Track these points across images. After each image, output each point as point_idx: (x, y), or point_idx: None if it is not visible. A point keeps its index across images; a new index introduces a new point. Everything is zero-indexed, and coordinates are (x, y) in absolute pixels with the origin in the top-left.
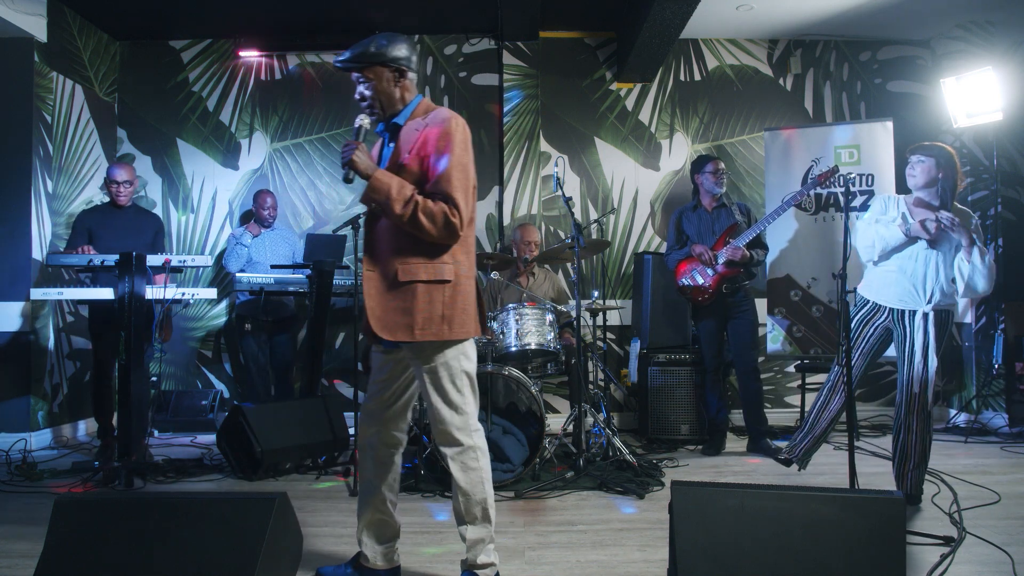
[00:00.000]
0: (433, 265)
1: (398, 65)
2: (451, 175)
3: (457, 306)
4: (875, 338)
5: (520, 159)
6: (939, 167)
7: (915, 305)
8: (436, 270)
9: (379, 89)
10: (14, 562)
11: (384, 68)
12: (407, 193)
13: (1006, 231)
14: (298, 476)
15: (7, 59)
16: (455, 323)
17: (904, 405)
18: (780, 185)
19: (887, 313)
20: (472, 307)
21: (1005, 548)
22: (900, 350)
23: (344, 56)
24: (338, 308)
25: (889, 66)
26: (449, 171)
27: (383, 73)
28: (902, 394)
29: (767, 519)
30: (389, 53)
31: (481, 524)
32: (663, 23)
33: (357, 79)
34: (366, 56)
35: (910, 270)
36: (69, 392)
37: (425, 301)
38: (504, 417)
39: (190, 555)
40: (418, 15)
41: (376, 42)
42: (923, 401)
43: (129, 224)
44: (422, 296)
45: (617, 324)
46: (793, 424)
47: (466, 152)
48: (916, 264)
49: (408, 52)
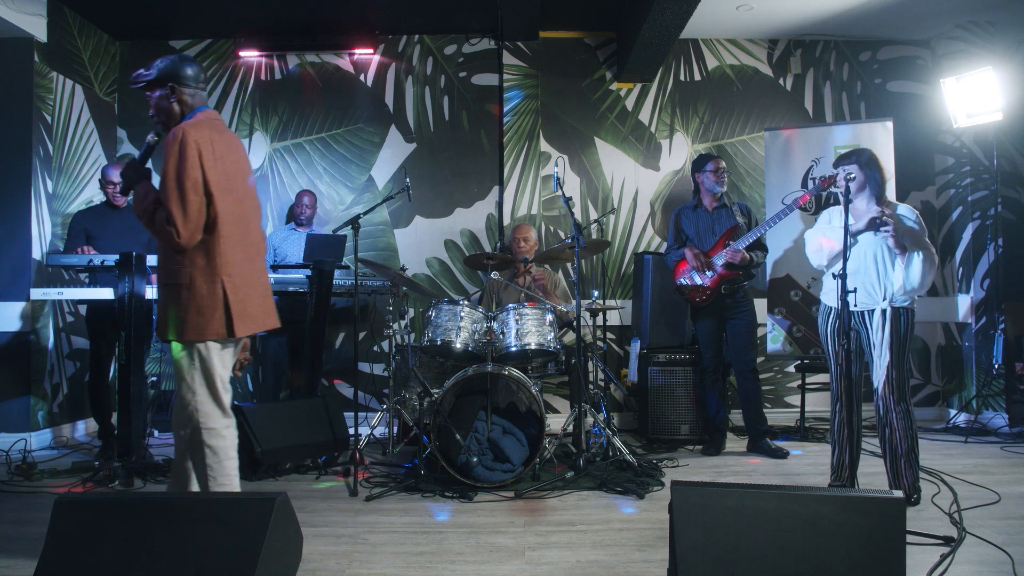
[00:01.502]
0: (168, 269)
1: (172, 83)
2: (163, 187)
3: (192, 309)
4: (853, 342)
5: (520, 159)
6: (862, 168)
7: (873, 304)
8: (170, 274)
9: (159, 107)
10: (14, 562)
11: (159, 87)
12: (148, 201)
13: (1006, 231)
14: (298, 476)
15: (7, 59)
16: (188, 325)
17: (882, 405)
18: (780, 185)
19: (853, 317)
20: (209, 310)
21: (1005, 548)
22: (868, 351)
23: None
24: (338, 308)
25: (889, 66)
26: (161, 184)
27: (161, 92)
28: (878, 395)
29: (767, 519)
30: (164, 73)
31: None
32: (663, 23)
33: (148, 97)
34: (146, 78)
35: (862, 271)
36: (69, 392)
37: (162, 303)
38: (504, 417)
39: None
40: (418, 15)
41: (156, 65)
42: (898, 397)
43: (126, 224)
44: (161, 298)
45: (617, 324)
46: (793, 424)
47: (183, 162)
48: (866, 264)
49: (177, 70)
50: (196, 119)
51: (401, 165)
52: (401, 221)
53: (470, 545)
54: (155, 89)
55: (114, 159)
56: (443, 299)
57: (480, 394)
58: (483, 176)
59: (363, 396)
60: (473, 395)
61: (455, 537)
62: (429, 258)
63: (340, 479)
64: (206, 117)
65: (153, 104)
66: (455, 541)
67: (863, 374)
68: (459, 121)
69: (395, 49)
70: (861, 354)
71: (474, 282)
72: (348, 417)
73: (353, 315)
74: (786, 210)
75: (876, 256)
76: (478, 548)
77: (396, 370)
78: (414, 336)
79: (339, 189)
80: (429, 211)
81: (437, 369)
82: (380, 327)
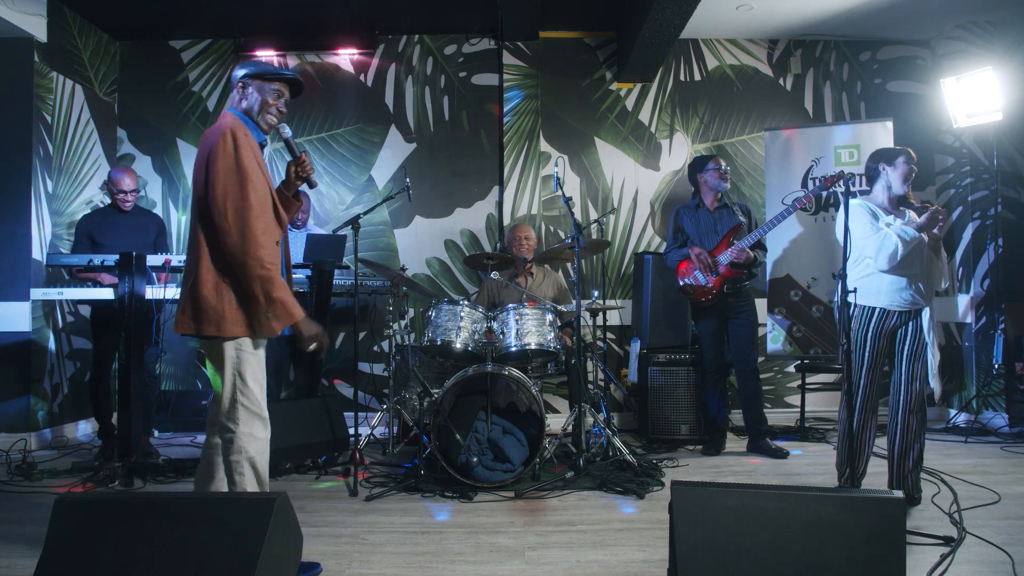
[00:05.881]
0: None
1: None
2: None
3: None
4: (887, 345)
5: (520, 159)
6: (908, 162)
7: (923, 304)
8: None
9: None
10: (14, 562)
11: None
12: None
13: (1006, 231)
14: (298, 476)
15: (7, 59)
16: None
17: (902, 405)
18: (780, 185)
19: (896, 317)
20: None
21: (1005, 548)
22: (904, 350)
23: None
24: (338, 308)
25: (889, 66)
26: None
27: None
28: (900, 394)
29: (767, 519)
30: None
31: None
32: (663, 23)
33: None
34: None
35: (916, 270)
36: (69, 392)
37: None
38: (504, 417)
39: (190, 555)
40: (418, 15)
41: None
42: (923, 399)
43: (131, 224)
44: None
45: (617, 324)
46: (793, 424)
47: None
48: (920, 263)
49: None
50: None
51: (401, 165)
52: (401, 221)
53: (470, 545)
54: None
55: (114, 159)
56: (443, 299)
57: (480, 394)
58: (483, 176)
59: (363, 396)
60: (473, 395)
61: (455, 537)
62: (429, 258)
63: (340, 479)
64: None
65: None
66: (455, 541)
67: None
68: (459, 121)
69: (395, 49)
70: (892, 356)
71: (474, 282)
72: (348, 417)
73: (353, 315)
74: (788, 210)
75: (924, 257)
76: (478, 548)
77: (396, 370)
78: (414, 336)
79: (339, 189)
80: (429, 211)
81: (437, 369)
82: (380, 327)
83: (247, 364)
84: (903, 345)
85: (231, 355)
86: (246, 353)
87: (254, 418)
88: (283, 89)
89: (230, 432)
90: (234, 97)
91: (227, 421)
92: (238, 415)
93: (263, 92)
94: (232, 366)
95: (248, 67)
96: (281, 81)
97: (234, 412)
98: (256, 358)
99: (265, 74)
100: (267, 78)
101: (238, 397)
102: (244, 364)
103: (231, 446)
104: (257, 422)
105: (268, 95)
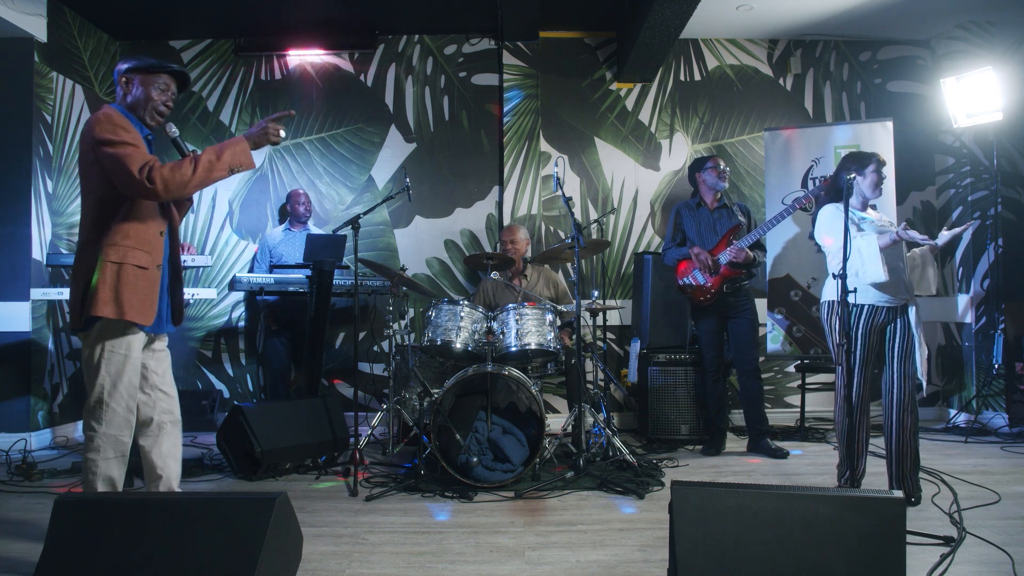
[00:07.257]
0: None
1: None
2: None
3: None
4: (877, 342)
5: (520, 159)
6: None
7: (906, 298)
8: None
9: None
10: (14, 562)
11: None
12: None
13: (1006, 231)
14: (298, 476)
15: (7, 59)
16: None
17: (896, 405)
18: (780, 185)
19: (885, 313)
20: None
21: (1005, 548)
22: (894, 347)
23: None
24: (338, 308)
25: (889, 66)
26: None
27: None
28: (894, 394)
29: (767, 519)
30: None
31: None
32: (663, 23)
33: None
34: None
35: (899, 266)
36: (69, 392)
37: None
38: (504, 417)
39: (190, 555)
40: (418, 15)
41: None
42: (915, 397)
43: None
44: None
45: (617, 324)
46: (793, 424)
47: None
48: (900, 260)
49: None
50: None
51: (401, 165)
52: (401, 221)
53: (470, 545)
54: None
55: None
56: (443, 299)
57: (480, 394)
58: (483, 176)
59: (363, 396)
60: (473, 395)
61: (455, 537)
62: (429, 258)
63: (340, 479)
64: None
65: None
66: (455, 541)
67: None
68: (459, 121)
69: (395, 49)
70: (883, 353)
71: (474, 282)
72: (348, 417)
73: (353, 315)
74: (788, 210)
75: (903, 254)
76: (478, 548)
77: (396, 370)
78: (414, 336)
79: (339, 189)
80: (429, 211)
81: (437, 369)
82: (380, 327)
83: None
84: (893, 343)
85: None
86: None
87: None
88: (169, 82)
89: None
90: (118, 93)
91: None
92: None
93: (147, 86)
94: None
95: (131, 61)
96: (167, 74)
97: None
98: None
99: (149, 67)
100: (151, 71)
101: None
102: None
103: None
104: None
105: (153, 90)
